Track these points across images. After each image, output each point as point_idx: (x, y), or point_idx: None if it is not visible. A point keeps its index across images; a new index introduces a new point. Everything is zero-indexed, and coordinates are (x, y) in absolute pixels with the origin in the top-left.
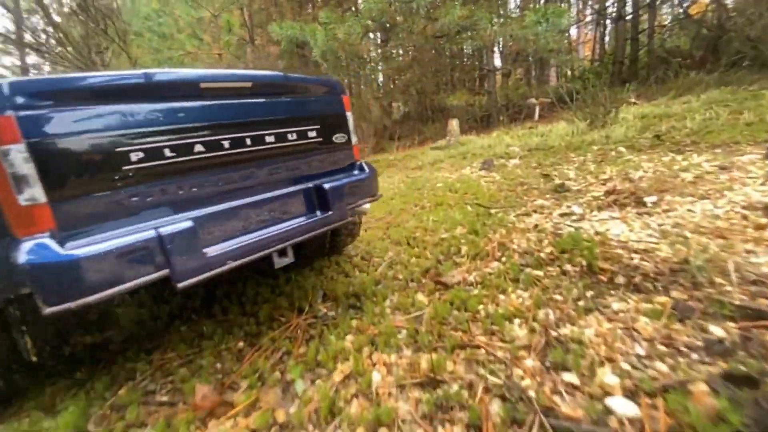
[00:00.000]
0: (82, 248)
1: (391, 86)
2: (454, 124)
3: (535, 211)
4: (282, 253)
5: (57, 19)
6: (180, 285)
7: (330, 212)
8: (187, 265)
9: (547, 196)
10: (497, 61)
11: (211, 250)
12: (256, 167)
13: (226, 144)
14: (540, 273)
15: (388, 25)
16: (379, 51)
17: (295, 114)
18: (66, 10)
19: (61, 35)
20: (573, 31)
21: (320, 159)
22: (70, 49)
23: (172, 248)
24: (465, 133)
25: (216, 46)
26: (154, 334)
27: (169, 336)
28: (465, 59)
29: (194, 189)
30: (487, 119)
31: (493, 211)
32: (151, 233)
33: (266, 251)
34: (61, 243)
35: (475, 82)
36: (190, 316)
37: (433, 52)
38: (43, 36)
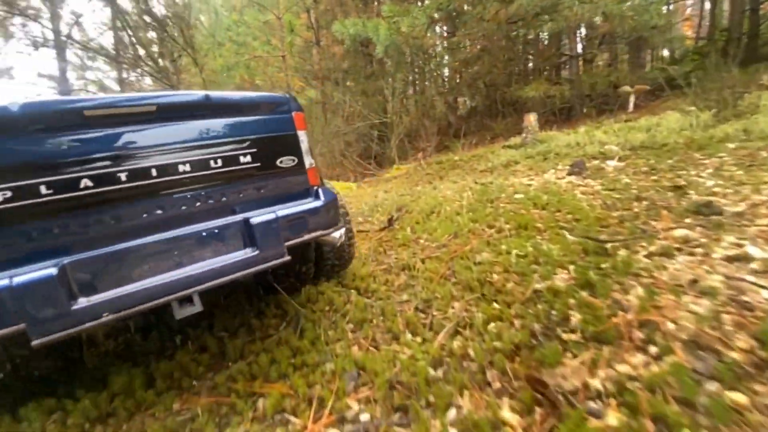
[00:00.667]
0: None
1: (457, 80)
2: (531, 118)
3: (679, 249)
4: (186, 301)
5: (139, 34)
6: (36, 342)
7: (258, 251)
8: (47, 318)
9: (688, 220)
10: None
11: (87, 301)
12: (164, 201)
13: (122, 177)
14: (741, 398)
15: (455, 14)
16: (444, 44)
17: (220, 138)
18: (143, 21)
19: (141, 48)
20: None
21: (258, 187)
22: (150, 62)
23: (28, 299)
24: (542, 128)
25: (283, 49)
26: (135, 415)
27: (152, 423)
28: (541, 45)
29: (75, 230)
30: (567, 112)
31: (608, 245)
32: (4, 282)
33: (160, 300)
34: None
35: (552, 71)
36: (191, 384)
37: (505, 40)
38: (128, 50)
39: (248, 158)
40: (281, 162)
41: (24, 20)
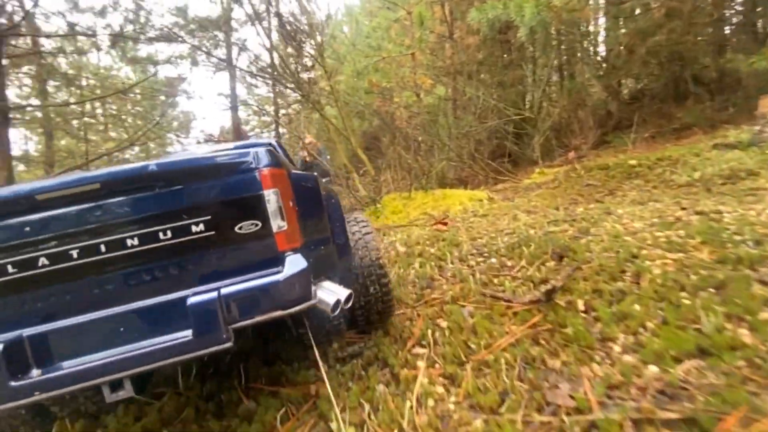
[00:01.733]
0: None
1: (624, 57)
2: None
3: None
4: (117, 385)
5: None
6: None
7: (191, 336)
8: None
9: None
10: None
11: (19, 378)
12: (108, 277)
13: (74, 254)
14: None
15: None
16: (600, 21)
17: (168, 207)
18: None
19: (284, 65)
20: None
21: (210, 258)
22: (288, 75)
23: None
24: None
25: (413, 46)
26: None
27: None
28: None
29: (29, 306)
30: None
31: None
32: None
33: (89, 383)
34: None
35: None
36: None
37: None
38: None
39: (200, 227)
40: (240, 228)
41: (208, 50)
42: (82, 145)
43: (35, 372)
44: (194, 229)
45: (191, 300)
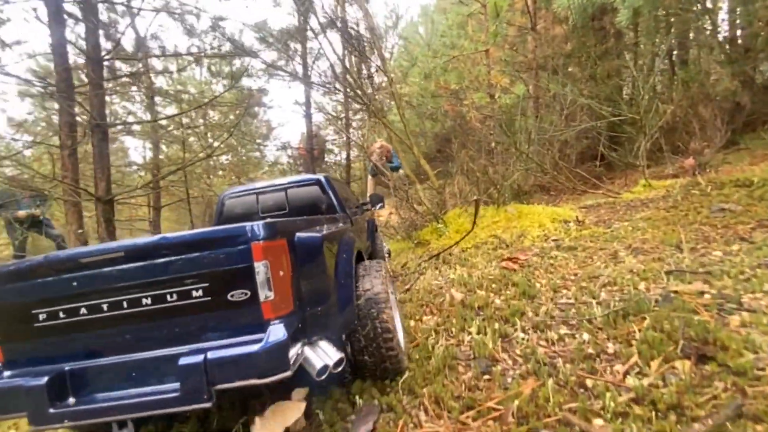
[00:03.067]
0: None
1: (765, 36)
2: None
3: None
4: (122, 424)
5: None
6: (31, 429)
7: (178, 392)
8: (35, 413)
9: None
10: None
11: (56, 406)
12: (123, 328)
13: (104, 306)
14: None
15: None
16: None
17: (173, 273)
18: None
19: (344, 71)
20: None
21: (204, 321)
22: (352, 83)
23: (28, 398)
24: None
25: (486, 41)
26: None
27: None
28: None
29: (70, 345)
30: None
31: None
32: (20, 382)
33: (103, 419)
34: None
35: None
36: None
37: None
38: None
39: (199, 293)
40: (232, 296)
41: (286, 60)
42: (182, 152)
43: (71, 400)
44: (194, 294)
45: (181, 361)
